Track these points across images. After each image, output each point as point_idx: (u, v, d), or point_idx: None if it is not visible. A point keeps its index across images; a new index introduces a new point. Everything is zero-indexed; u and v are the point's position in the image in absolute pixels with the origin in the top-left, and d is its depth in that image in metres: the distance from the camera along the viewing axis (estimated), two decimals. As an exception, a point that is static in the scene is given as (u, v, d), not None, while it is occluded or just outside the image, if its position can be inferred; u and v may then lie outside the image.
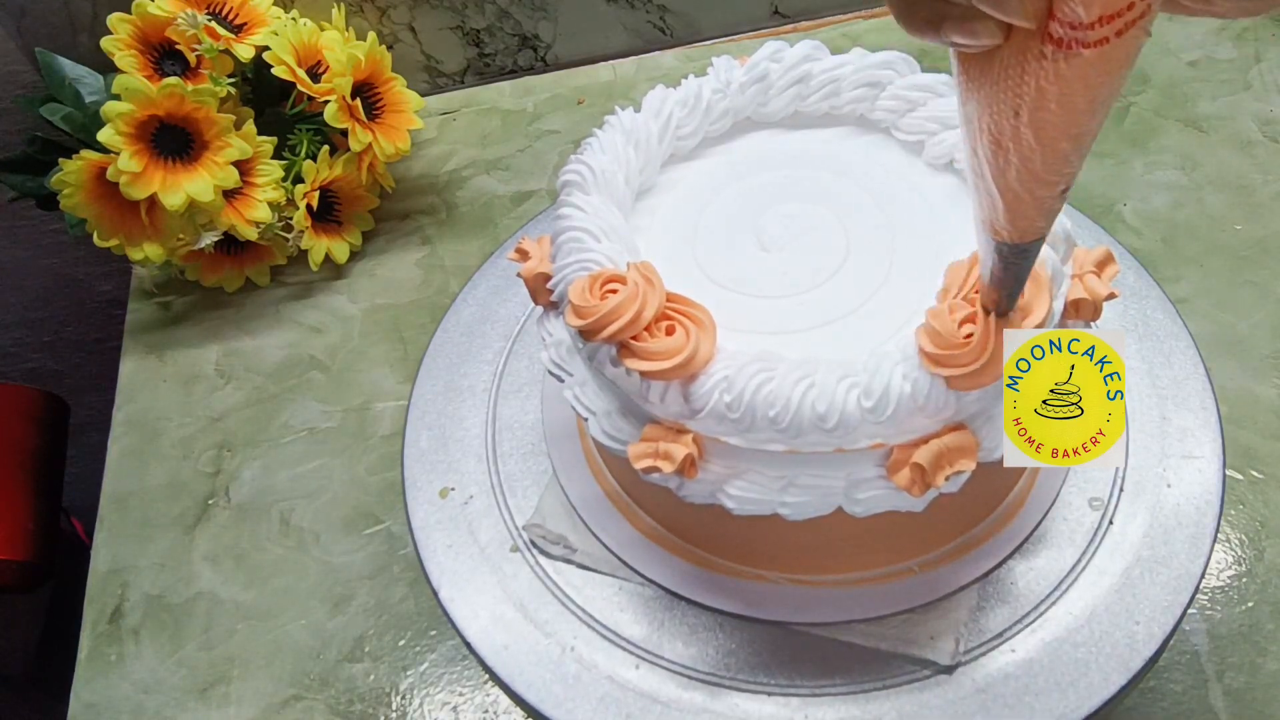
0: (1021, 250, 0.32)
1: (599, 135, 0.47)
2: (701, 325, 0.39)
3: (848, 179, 0.47)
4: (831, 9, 0.84)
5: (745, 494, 0.40)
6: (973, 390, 0.37)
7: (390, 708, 0.54)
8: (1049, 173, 0.27)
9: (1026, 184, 0.28)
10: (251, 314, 0.72)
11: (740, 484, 0.40)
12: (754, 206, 0.46)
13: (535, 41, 0.82)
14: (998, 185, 0.29)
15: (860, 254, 0.44)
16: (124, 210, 0.64)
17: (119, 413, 0.68)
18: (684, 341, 0.38)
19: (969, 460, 0.38)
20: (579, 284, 0.40)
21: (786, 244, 0.45)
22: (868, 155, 0.48)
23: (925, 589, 0.47)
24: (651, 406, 0.40)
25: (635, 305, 0.39)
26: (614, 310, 0.39)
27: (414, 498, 0.54)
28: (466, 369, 0.59)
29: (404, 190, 0.77)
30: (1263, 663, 0.50)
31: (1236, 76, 0.75)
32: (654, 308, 0.39)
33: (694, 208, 0.47)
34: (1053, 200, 0.29)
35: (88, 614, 0.59)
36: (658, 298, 0.39)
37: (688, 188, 0.48)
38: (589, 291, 0.40)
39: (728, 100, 0.48)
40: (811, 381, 0.38)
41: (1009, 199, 0.29)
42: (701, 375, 0.39)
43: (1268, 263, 0.65)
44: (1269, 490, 0.55)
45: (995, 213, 0.30)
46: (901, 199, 0.46)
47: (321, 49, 0.69)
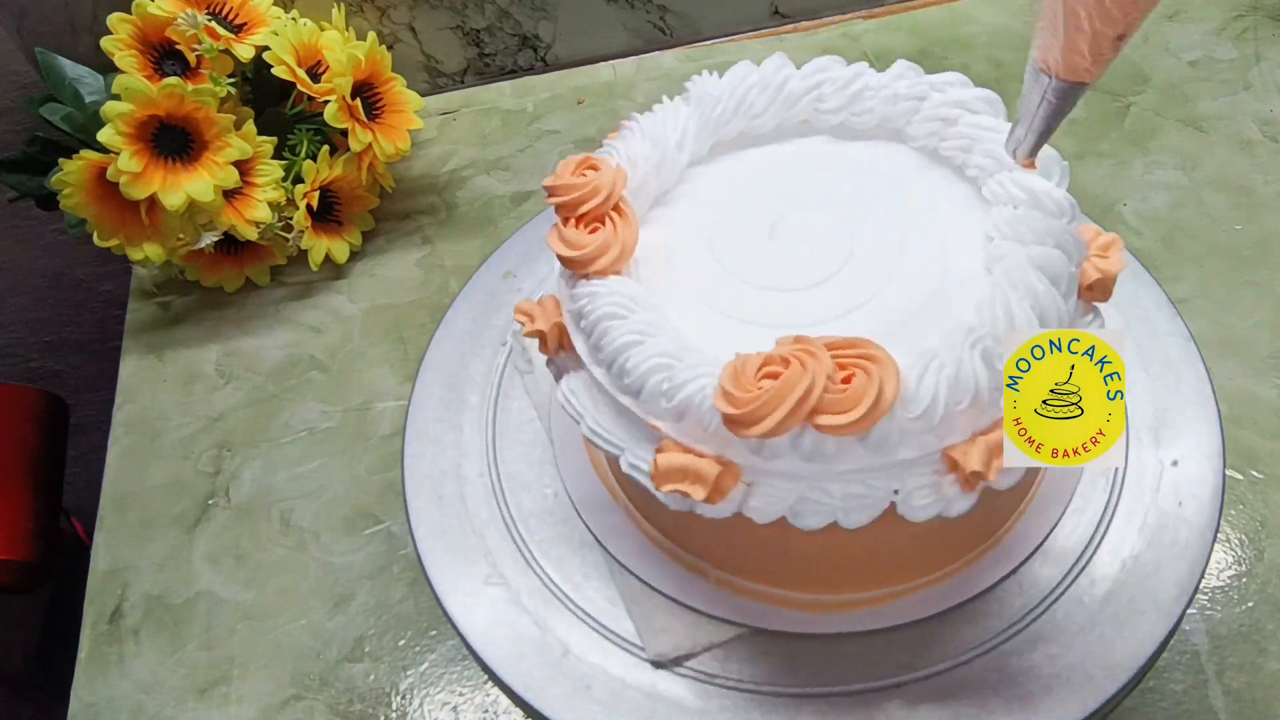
0: (1063, 91, 0.35)
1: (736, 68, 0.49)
2: (617, 238, 0.43)
3: (866, 184, 0.47)
4: (831, 9, 0.84)
5: (570, 394, 0.43)
6: (738, 435, 0.38)
7: (390, 708, 0.54)
8: (1115, 5, 0.30)
9: (1091, 13, 0.31)
10: (251, 314, 0.72)
11: (573, 383, 0.43)
12: (775, 204, 0.47)
13: (535, 41, 0.82)
14: (1067, 9, 0.32)
15: (867, 252, 0.44)
16: (124, 210, 0.64)
17: (119, 413, 0.68)
18: (592, 241, 0.42)
19: (700, 489, 0.39)
20: (571, 159, 0.44)
21: (799, 239, 0.45)
22: (890, 164, 0.48)
23: (931, 602, 0.47)
24: (560, 283, 0.44)
25: (583, 191, 0.43)
26: (566, 187, 0.43)
27: (414, 498, 0.54)
28: (467, 369, 0.59)
29: (404, 190, 0.77)
30: (1263, 663, 0.50)
31: (1236, 76, 0.75)
32: (594, 204, 0.43)
33: (715, 201, 0.48)
34: (1107, 43, 0.32)
35: (88, 614, 0.59)
36: (605, 197, 0.43)
37: (716, 182, 0.49)
38: (573, 167, 0.44)
39: (786, 95, 0.49)
40: (641, 341, 0.40)
41: (1071, 27, 0.32)
42: (586, 280, 0.43)
43: (1268, 263, 0.65)
44: (1269, 490, 0.55)
45: (1053, 42, 0.33)
46: (914, 205, 0.46)
47: (321, 49, 0.69)
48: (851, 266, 0.44)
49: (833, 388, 0.37)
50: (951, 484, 0.38)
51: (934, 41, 0.81)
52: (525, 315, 0.45)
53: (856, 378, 0.37)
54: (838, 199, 0.47)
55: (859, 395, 0.36)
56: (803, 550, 0.44)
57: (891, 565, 0.46)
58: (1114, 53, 0.32)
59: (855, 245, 0.44)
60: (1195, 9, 0.80)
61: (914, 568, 0.47)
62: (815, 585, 0.48)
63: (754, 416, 0.36)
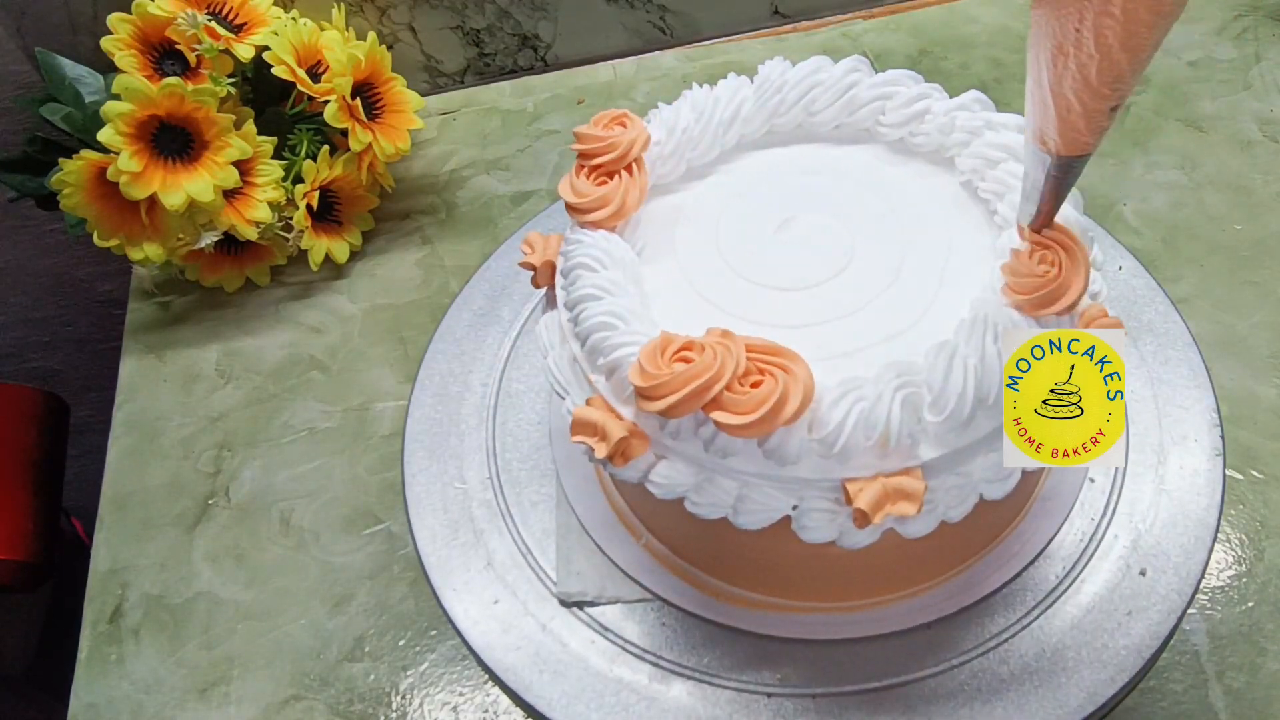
0: (1065, 165, 0.34)
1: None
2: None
3: (868, 187, 0.47)
4: (831, 9, 0.84)
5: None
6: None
7: (390, 708, 0.54)
8: (1103, 84, 0.29)
9: (1080, 93, 0.30)
10: (251, 314, 0.72)
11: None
12: (779, 207, 0.47)
13: (535, 41, 0.82)
14: (1053, 93, 0.31)
15: (869, 254, 0.44)
16: (124, 210, 0.64)
17: (119, 413, 0.68)
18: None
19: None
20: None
21: (802, 243, 0.45)
22: (895, 170, 0.48)
23: (936, 607, 0.47)
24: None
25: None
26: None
27: (414, 498, 0.54)
28: (467, 368, 0.59)
29: (404, 190, 0.77)
30: (1263, 663, 0.50)
31: (1236, 76, 0.75)
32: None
33: (721, 202, 0.48)
34: (1101, 116, 0.31)
35: (88, 614, 0.59)
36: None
37: (720, 184, 0.49)
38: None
39: (782, 102, 0.49)
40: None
41: (1061, 108, 0.31)
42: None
43: (1268, 263, 0.65)
44: (1269, 490, 0.55)
45: (1047, 123, 0.32)
46: (918, 213, 0.46)
47: (321, 49, 0.69)
48: (844, 278, 0.44)
49: (737, 386, 0.37)
50: (848, 517, 0.38)
51: (934, 41, 0.81)
52: (528, 245, 0.48)
53: (765, 383, 0.37)
54: (859, 212, 0.47)
55: (759, 400, 0.37)
56: (789, 557, 0.44)
57: (886, 572, 0.46)
58: (1111, 121, 0.31)
59: (855, 259, 0.44)
60: (1195, 9, 0.80)
61: (911, 574, 0.47)
62: (803, 592, 0.48)
63: (656, 392, 0.37)
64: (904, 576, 0.47)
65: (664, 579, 0.49)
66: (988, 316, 0.38)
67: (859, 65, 0.49)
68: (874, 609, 0.47)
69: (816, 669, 0.47)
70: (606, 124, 0.46)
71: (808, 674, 0.47)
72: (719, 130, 0.48)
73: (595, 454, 0.40)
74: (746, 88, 0.49)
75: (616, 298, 0.41)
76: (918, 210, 0.46)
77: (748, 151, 0.49)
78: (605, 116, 0.46)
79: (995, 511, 0.47)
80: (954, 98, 0.47)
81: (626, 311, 0.41)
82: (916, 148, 0.48)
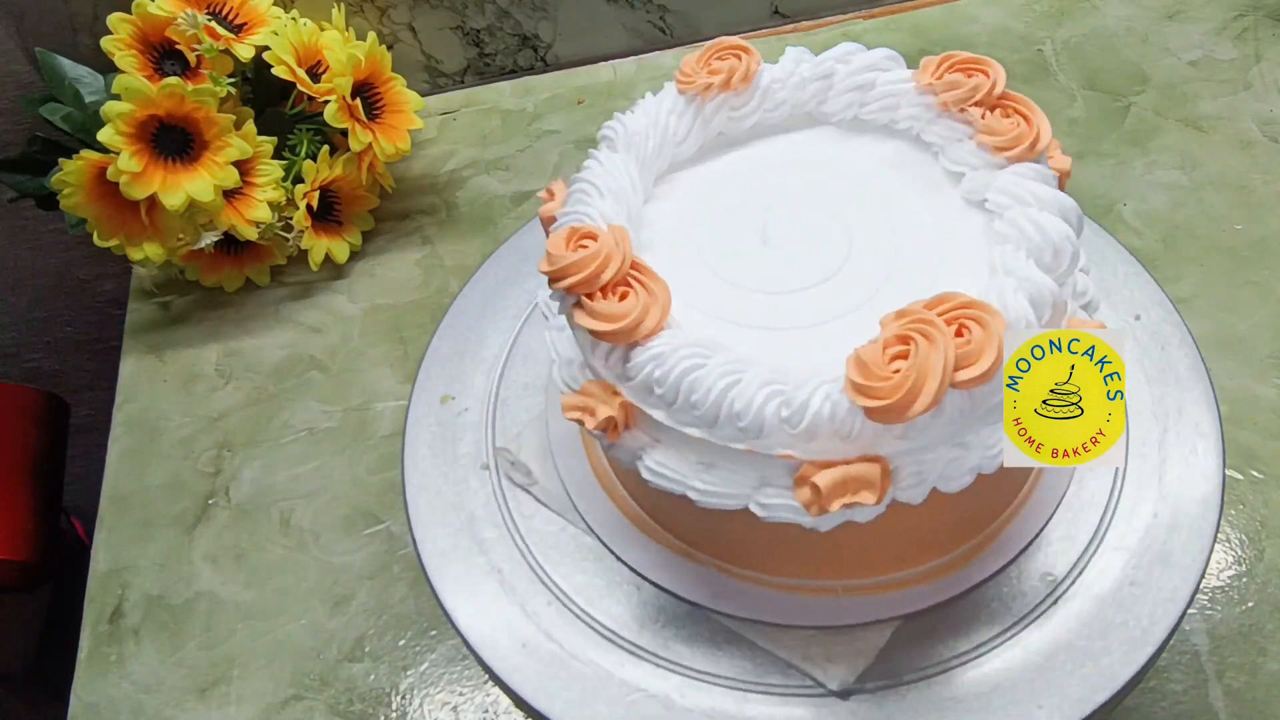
0: None
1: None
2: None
3: (856, 184, 0.47)
4: (831, 9, 0.84)
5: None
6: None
7: (390, 708, 0.54)
8: None
9: None
10: (251, 314, 0.72)
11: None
12: (762, 203, 0.47)
13: (535, 41, 0.82)
14: None
15: (860, 257, 0.44)
16: (124, 210, 0.64)
17: (119, 413, 0.68)
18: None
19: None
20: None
21: (789, 241, 0.45)
22: (879, 161, 0.48)
23: (934, 593, 0.47)
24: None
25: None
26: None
27: (414, 498, 0.54)
28: (467, 368, 0.59)
29: (404, 190, 0.77)
30: (1263, 663, 0.50)
31: (1236, 76, 0.75)
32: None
33: (705, 198, 0.48)
34: None
35: (88, 614, 0.59)
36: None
37: (703, 180, 0.49)
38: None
39: (786, 91, 0.49)
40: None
41: None
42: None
43: (1268, 263, 0.65)
44: (1269, 490, 0.55)
45: None
46: (909, 210, 0.46)
47: (321, 49, 0.69)
48: (844, 273, 0.44)
49: (610, 294, 0.40)
50: (800, 498, 0.39)
51: (933, 41, 0.81)
52: (548, 193, 0.48)
53: (629, 298, 0.40)
54: (828, 200, 0.47)
55: (624, 313, 0.40)
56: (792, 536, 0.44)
57: (882, 551, 0.46)
58: None
59: (850, 256, 0.44)
60: (1195, 9, 0.80)
61: (904, 555, 0.47)
62: (809, 570, 0.48)
63: (558, 276, 0.40)
64: (894, 556, 0.47)
65: (671, 567, 0.49)
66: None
67: (802, 53, 0.49)
68: (868, 593, 0.47)
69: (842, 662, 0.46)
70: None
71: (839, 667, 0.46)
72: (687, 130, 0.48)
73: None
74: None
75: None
76: (870, 179, 0.47)
77: (689, 165, 0.49)
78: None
79: (989, 499, 0.47)
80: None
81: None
82: (869, 123, 0.49)
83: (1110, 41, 0.79)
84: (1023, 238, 0.41)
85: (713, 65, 0.48)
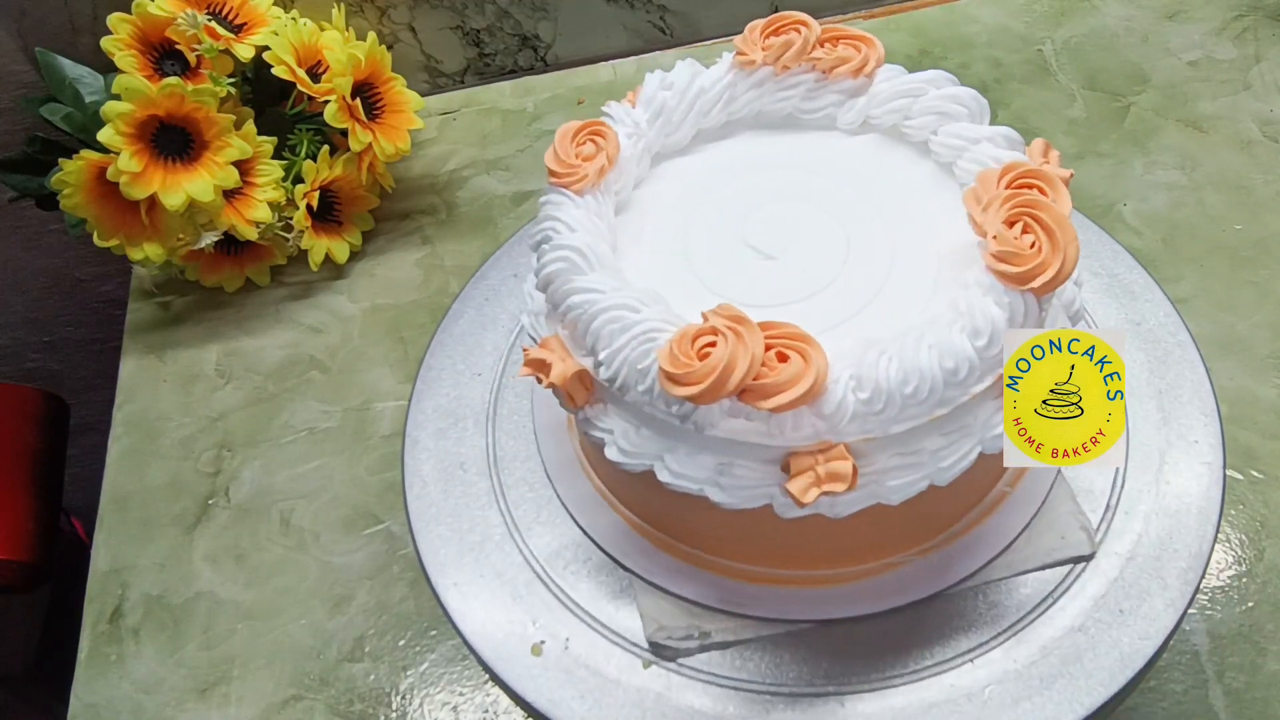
0: None
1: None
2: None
3: (839, 180, 0.47)
4: (831, 9, 0.84)
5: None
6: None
7: (390, 708, 0.54)
8: None
9: None
10: (251, 314, 0.72)
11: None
12: (742, 210, 0.46)
13: (535, 41, 0.82)
14: None
15: (858, 259, 0.44)
16: (124, 210, 0.64)
17: (119, 413, 0.68)
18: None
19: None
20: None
21: (781, 250, 0.45)
22: (864, 156, 0.48)
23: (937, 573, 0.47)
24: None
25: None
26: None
27: (414, 498, 0.54)
28: (467, 369, 0.59)
29: (404, 190, 0.77)
30: (1263, 663, 0.50)
31: (1236, 76, 0.75)
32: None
33: (681, 213, 0.47)
34: None
35: (88, 614, 0.59)
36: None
37: (672, 191, 0.48)
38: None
39: (733, 91, 0.49)
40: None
41: None
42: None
43: (1268, 263, 0.65)
44: (1269, 490, 0.55)
45: None
46: (898, 201, 0.46)
47: (321, 49, 0.69)
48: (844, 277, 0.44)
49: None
50: (777, 484, 0.39)
51: (934, 41, 0.81)
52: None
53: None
54: (813, 199, 0.47)
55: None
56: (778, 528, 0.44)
57: (855, 547, 0.46)
58: None
59: (847, 259, 0.44)
60: (1195, 9, 0.80)
61: (891, 543, 0.47)
62: (795, 562, 0.47)
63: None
64: (883, 545, 0.47)
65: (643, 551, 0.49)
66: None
67: (697, 68, 0.50)
68: (861, 579, 0.47)
69: (816, 667, 0.47)
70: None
71: (820, 668, 0.46)
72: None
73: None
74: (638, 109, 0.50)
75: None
76: (856, 174, 0.47)
77: (655, 169, 0.49)
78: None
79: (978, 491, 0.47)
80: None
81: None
82: (808, 116, 0.49)
83: (1110, 41, 0.79)
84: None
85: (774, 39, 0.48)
